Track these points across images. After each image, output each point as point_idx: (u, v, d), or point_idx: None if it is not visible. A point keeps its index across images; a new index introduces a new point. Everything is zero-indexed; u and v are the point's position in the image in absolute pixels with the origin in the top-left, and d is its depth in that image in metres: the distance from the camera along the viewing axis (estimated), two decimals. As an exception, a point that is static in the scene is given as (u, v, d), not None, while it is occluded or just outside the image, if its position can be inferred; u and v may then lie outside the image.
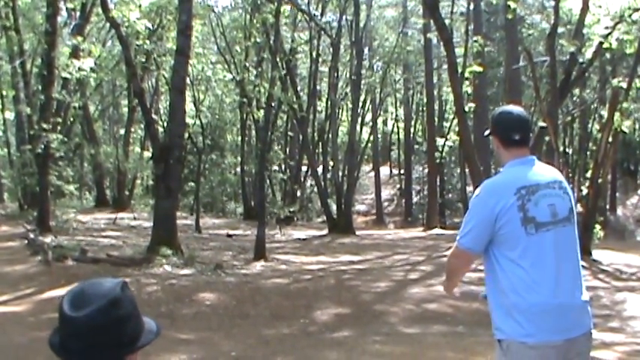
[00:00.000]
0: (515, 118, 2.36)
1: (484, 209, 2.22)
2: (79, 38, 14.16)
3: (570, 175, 24.03)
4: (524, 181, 2.24)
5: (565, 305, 2.17)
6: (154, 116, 17.46)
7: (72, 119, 20.49)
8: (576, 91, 22.62)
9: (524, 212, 2.18)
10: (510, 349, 2.16)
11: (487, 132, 2.43)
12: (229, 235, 16.08)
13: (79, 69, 12.59)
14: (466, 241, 2.27)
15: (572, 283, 2.23)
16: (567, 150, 26.63)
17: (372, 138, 31.02)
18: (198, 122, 20.52)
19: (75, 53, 14.69)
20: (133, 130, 25.27)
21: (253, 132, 25.45)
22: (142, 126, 26.05)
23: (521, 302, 2.14)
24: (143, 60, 18.07)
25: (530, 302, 2.14)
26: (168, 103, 16.06)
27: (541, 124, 13.31)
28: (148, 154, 24.22)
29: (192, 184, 24.76)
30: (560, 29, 16.15)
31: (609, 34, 12.25)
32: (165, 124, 22.46)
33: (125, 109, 27.77)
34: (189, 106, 20.60)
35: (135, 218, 18.61)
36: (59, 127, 15.56)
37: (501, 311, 2.21)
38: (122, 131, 26.10)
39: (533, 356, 2.12)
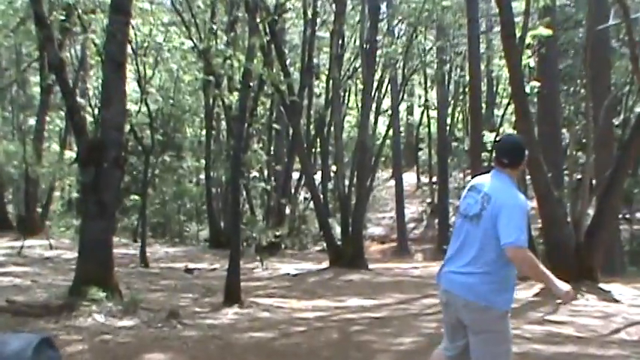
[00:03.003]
0: (507, 148, 4.45)
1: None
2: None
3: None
4: (474, 183, 4.49)
5: (452, 272, 4.33)
6: (79, 100, 17.55)
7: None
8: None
9: (461, 200, 4.51)
10: None
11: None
12: (189, 270, 16.15)
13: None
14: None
15: (467, 261, 4.25)
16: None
17: (391, 133, 31.05)
18: (144, 109, 20.48)
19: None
20: (48, 119, 25.27)
21: (223, 124, 25.52)
22: (62, 114, 26.16)
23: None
24: (62, 17, 18.06)
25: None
26: (100, 81, 16.03)
27: (640, 109, 13.36)
28: (71, 154, 24.25)
29: (137, 197, 24.77)
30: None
31: None
32: (96, 112, 22.76)
33: (36, 90, 27.75)
34: (131, 87, 20.74)
35: (51, 247, 18.57)
36: None
37: None
38: (32, 121, 26.04)
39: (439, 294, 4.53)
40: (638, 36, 16.82)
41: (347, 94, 31.94)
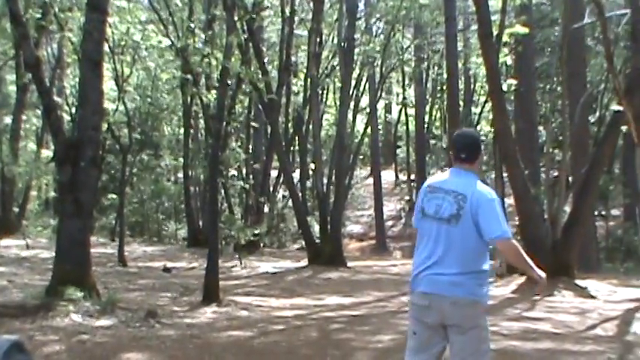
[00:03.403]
0: (465, 142, 4.46)
1: (418, 198, 4.57)
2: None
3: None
4: (434, 183, 4.45)
5: (435, 274, 4.25)
6: (56, 99, 17.38)
7: None
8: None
9: (422, 202, 4.43)
10: None
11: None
12: (167, 269, 16.10)
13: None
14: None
15: (451, 262, 4.21)
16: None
17: (369, 131, 31.07)
18: (122, 108, 20.37)
19: None
20: (24, 118, 25.04)
21: (201, 122, 25.42)
22: (39, 112, 25.94)
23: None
24: (39, 15, 17.92)
25: (413, 261, 4.48)
26: (77, 79, 15.93)
27: (615, 107, 13.43)
28: (48, 153, 24.08)
29: (114, 196, 24.64)
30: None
31: None
32: (73, 111, 22.59)
33: (12, 88, 27.51)
34: (108, 85, 20.58)
35: (27, 246, 18.43)
36: None
37: None
38: (8, 120, 25.81)
39: (409, 299, 4.48)
40: (613, 34, 16.96)
41: (325, 92, 31.99)
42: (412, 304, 4.42)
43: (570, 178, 17.52)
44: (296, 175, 23.11)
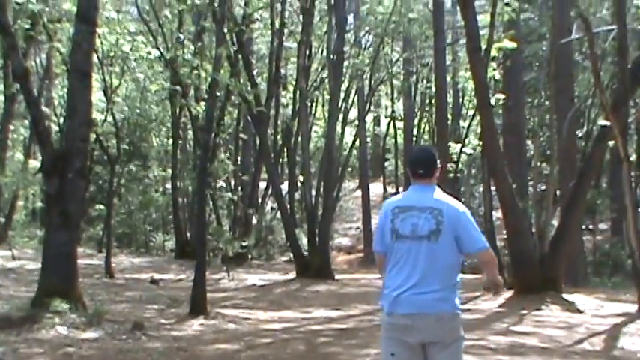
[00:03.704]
0: (422, 158, 4.43)
1: (379, 221, 4.50)
2: None
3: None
4: (402, 203, 4.38)
5: (417, 294, 4.19)
6: (44, 109, 17.33)
7: None
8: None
9: (392, 225, 4.31)
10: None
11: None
12: (154, 281, 16.09)
13: None
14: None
15: (433, 280, 4.19)
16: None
17: (358, 143, 31.17)
18: (110, 119, 20.36)
19: None
20: (12, 128, 24.94)
21: (190, 133, 25.41)
22: (27, 123, 25.86)
23: (383, 283, 4.47)
24: (27, 26, 17.86)
25: (385, 288, 4.40)
26: (65, 90, 15.89)
27: (602, 122, 13.50)
28: (35, 163, 23.94)
29: (102, 207, 24.53)
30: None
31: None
32: (61, 122, 22.54)
33: (0, 98, 27.42)
34: (96, 96, 20.52)
35: (13, 257, 18.31)
36: None
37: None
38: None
39: (383, 319, 4.40)
40: (600, 50, 17.08)
41: (314, 104, 31.94)
42: (389, 324, 4.33)
43: (558, 192, 17.62)
44: (284, 187, 23.08)
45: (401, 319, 4.23)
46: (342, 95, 23.29)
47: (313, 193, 20.62)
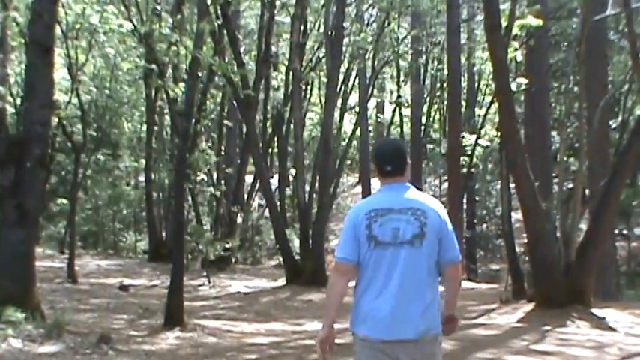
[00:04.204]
0: (388, 153, 4.39)
1: (348, 226, 4.28)
2: None
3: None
4: (378, 205, 4.24)
5: (400, 317, 4.14)
6: (-2, 88, 17.28)
7: None
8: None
9: (369, 230, 4.18)
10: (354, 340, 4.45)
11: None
12: (124, 287, 16.20)
13: None
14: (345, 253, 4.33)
15: (416, 293, 4.15)
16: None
17: (358, 132, 31.17)
18: (75, 101, 20.33)
19: None
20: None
21: (167, 119, 25.41)
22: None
23: (355, 302, 4.45)
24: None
25: (358, 303, 4.43)
26: (23, 67, 15.82)
27: None
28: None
29: (65, 201, 24.54)
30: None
31: None
32: (18, 103, 22.46)
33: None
34: (59, 74, 20.48)
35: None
36: None
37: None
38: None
39: (360, 345, 4.37)
40: (639, 28, 17.02)
41: (309, 87, 31.98)
42: (366, 342, 4.31)
43: (587, 192, 17.58)
44: (274, 181, 23.08)
45: (379, 346, 4.22)
46: (341, 77, 23.27)
47: (307, 188, 20.65)
